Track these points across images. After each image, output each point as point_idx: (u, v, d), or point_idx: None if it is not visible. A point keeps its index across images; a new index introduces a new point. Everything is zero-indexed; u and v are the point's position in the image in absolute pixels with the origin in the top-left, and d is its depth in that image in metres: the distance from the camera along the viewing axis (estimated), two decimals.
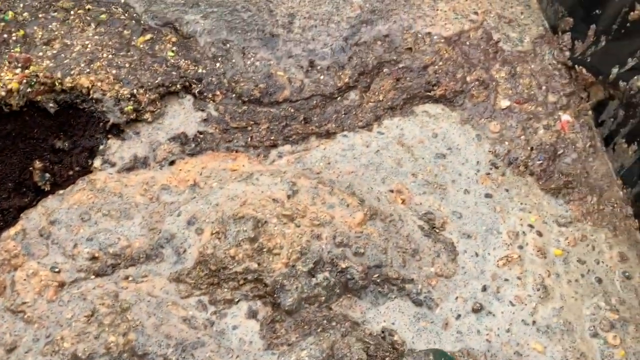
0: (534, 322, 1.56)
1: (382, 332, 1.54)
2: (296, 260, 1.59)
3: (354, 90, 1.95)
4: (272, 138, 1.86)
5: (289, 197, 1.69)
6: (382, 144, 1.83)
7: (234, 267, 1.56)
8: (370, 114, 1.91)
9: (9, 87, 1.65)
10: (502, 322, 1.56)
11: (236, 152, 1.83)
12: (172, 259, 1.59)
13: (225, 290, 1.56)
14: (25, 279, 1.54)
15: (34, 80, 1.72)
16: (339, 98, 1.93)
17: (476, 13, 2.11)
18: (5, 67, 1.75)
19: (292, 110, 1.90)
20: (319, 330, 1.51)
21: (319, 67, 1.97)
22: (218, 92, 1.90)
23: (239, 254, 1.57)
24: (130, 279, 1.55)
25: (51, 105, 1.76)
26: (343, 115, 1.90)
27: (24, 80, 1.70)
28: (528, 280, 1.61)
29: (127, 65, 1.88)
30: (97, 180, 1.72)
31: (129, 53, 1.92)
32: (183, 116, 1.87)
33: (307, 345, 1.48)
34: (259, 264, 1.57)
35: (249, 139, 1.85)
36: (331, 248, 1.62)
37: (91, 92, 1.78)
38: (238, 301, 1.55)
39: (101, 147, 1.78)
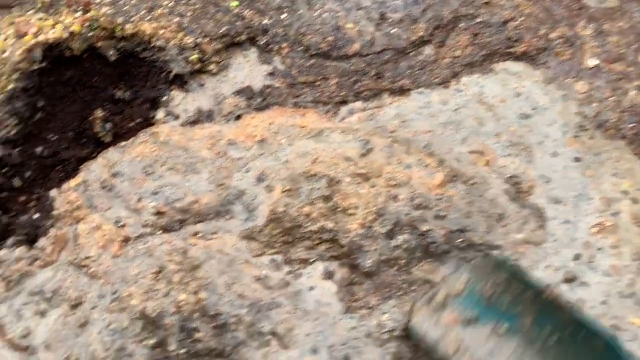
0: (632, 294, 1.44)
1: None
2: (373, 221, 1.49)
3: (428, 45, 1.82)
4: (342, 94, 1.74)
5: (362, 155, 1.59)
6: (461, 102, 1.71)
7: (308, 226, 1.46)
8: (447, 70, 1.78)
9: (71, 29, 1.55)
10: (597, 294, 1.45)
11: (304, 107, 1.72)
12: (242, 215, 1.49)
13: (300, 249, 1.46)
14: (88, 233, 1.45)
15: (95, 24, 1.61)
16: (412, 53, 1.81)
17: None
18: (65, 11, 1.65)
19: (362, 65, 1.78)
20: (399, 294, 1.41)
21: (390, 20, 1.84)
22: (284, 45, 1.79)
23: (313, 213, 1.47)
24: (199, 235, 1.46)
25: (111, 52, 1.66)
26: (418, 71, 1.78)
27: (86, 24, 1.60)
28: (624, 249, 1.49)
29: (189, 13, 1.77)
30: (161, 132, 1.62)
31: (190, 1, 1.80)
32: (248, 69, 1.76)
33: (389, 309, 1.38)
34: (335, 223, 1.46)
35: (318, 94, 1.74)
36: (409, 210, 1.51)
37: (153, 39, 1.68)
38: (313, 261, 1.45)
39: (164, 98, 1.68)
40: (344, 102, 1.73)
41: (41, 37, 1.52)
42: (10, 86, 1.49)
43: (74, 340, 1.35)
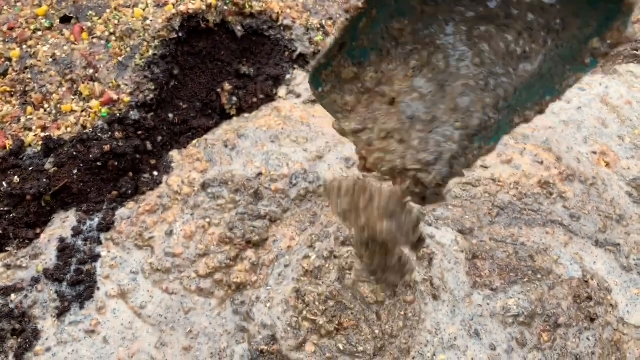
0: None
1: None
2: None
3: None
4: None
5: None
6: (584, 100, 1.69)
7: None
8: None
9: (209, 1, 1.60)
10: None
11: None
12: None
13: None
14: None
15: None
16: None
17: None
18: None
19: None
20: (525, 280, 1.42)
21: None
22: None
23: None
24: None
25: (239, 28, 1.70)
26: None
27: None
28: None
29: None
30: (283, 108, 1.66)
31: None
32: None
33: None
34: None
35: None
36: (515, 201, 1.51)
37: (280, 18, 1.71)
38: None
39: (287, 77, 1.71)
40: None
41: (182, 7, 1.57)
42: (151, 52, 1.55)
43: None
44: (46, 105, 1.59)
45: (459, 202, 1.54)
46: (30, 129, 1.55)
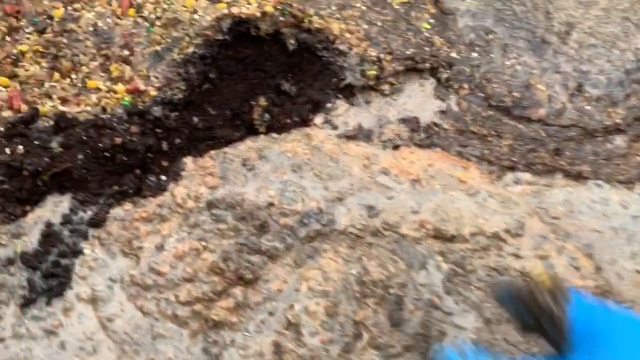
0: None
1: None
2: None
3: (622, 135, 1.62)
4: (513, 159, 1.58)
5: (511, 234, 1.44)
6: None
7: None
8: (636, 170, 1.58)
9: (265, 9, 1.48)
10: None
11: (468, 160, 1.58)
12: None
13: None
14: None
15: (287, 9, 1.54)
16: (601, 138, 1.62)
17: None
18: None
19: (543, 134, 1.61)
20: None
21: (587, 95, 1.66)
22: (465, 85, 1.65)
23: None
24: None
25: (292, 41, 1.58)
26: (602, 160, 1.59)
27: (278, 7, 1.52)
28: None
29: (379, 23, 1.67)
30: (315, 137, 1.53)
31: (384, 11, 1.70)
32: (420, 99, 1.64)
33: None
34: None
35: (486, 150, 1.59)
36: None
37: (337, 41, 1.58)
38: None
39: (328, 104, 1.58)
40: (512, 168, 1.57)
41: (235, 9, 1.46)
42: (191, 49, 1.45)
43: None
44: (74, 76, 1.51)
45: (483, 285, 1.41)
46: (50, 97, 1.47)
